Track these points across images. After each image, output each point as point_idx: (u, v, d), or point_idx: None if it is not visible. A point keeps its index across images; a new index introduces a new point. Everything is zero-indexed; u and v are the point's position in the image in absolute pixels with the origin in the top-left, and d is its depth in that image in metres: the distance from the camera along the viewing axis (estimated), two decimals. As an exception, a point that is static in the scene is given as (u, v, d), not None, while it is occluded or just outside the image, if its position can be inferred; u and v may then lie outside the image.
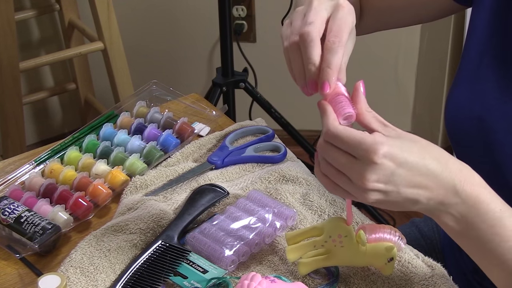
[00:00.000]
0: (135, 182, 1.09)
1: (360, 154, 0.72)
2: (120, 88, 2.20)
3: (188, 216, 1.00)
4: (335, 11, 0.78)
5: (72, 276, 0.91)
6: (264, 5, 2.44)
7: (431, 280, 0.90)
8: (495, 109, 0.91)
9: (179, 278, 0.91)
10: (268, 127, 1.20)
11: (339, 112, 0.76)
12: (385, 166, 0.72)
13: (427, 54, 2.43)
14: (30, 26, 2.45)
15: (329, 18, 0.79)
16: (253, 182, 1.09)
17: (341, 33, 0.77)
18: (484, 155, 0.92)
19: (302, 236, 0.89)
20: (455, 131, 0.97)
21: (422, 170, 0.74)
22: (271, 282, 0.80)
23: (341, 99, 0.77)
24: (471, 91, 0.94)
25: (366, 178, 0.72)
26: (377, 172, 0.72)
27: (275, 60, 2.50)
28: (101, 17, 2.08)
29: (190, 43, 2.56)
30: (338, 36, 0.76)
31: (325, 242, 0.87)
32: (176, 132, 1.19)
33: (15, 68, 2.09)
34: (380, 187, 0.73)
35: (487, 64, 0.93)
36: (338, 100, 0.76)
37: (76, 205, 1.03)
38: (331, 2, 0.80)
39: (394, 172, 0.73)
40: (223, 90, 2.16)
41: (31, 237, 0.97)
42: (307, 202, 1.04)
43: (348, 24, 0.78)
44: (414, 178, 0.74)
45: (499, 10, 0.93)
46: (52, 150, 1.16)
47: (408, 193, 0.74)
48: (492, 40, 0.93)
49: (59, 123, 2.70)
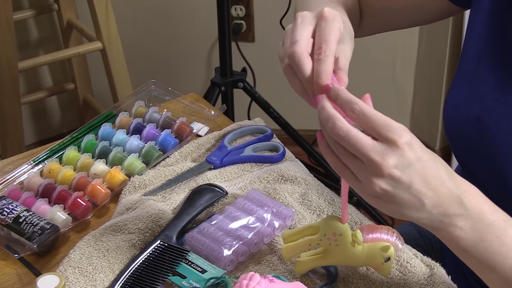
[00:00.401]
0: (134, 182, 1.09)
1: (385, 135, 0.70)
2: (118, 88, 2.19)
3: (187, 216, 1.00)
4: (319, 23, 0.79)
5: (70, 276, 0.91)
6: (262, 5, 2.44)
7: (429, 280, 0.90)
8: (493, 110, 0.91)
9: (177, 278, 0.91)
10: (266, 127, 1.21)
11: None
12: (406, 153, 0.70)
13: (425, 55, 2.43)
14: (29, 26, 2.45)
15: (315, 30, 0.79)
16: (251, 181, 1.09)
17: (327, 43, 0.77)
18: (482, 156, 0.92)
19: (298, 235, 0.89)
20: (454, 132, 0.97)
21: (434, 171, 0.73)
22: (269, 282, 0.80)
23: None
24: (469, 92, 0.95)
25: (386, 160, 0.70)
26: (397, 157, 0.70)
27: (273, 60, 2.50)
28: (100, 17, 2.08)
29: (188, 43, 2.56)
30: (323, 47, 0.77)
31: (320, 241, 0.87)
32: (175, 132, 1.19)
33: (14, 68, 2.09)
34: (395, 174, 0.70)
35: (485, 65, 0.93)
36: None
37: (75, 205, 1.03)
38: (313, 13, 0.80)
39: (412, 163, 0.71)
40: (222, 90, 2.16)
41: (30, 237, 0.97)
42: (306, 201, 1.04)
43: (333, 31, 0.77)
44: (427, 176, 0.72)
45: (497, 11, 0.93)
46: (50, 150, 1.15)
47: (417, 190, 0.72)
48: (490, 41, 0.94)
49: (57, 123, 2.70)
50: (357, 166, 0.72)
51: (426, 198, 0.73)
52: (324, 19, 0.78)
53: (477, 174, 0.96)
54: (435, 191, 0.73)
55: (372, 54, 2.42)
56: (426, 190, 0.72)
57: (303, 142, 2.27)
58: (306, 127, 2.52)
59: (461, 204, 0.74)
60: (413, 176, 0.71)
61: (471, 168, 0.98)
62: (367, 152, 0.70)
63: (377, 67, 2.49)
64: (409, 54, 2.46)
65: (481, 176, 0.96)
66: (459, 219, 0.75)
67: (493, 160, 0.90)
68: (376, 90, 2.50)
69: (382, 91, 2.53)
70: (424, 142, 2.64)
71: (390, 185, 0.71)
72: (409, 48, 2.44)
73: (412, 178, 0.71)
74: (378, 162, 0.70)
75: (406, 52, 2.46)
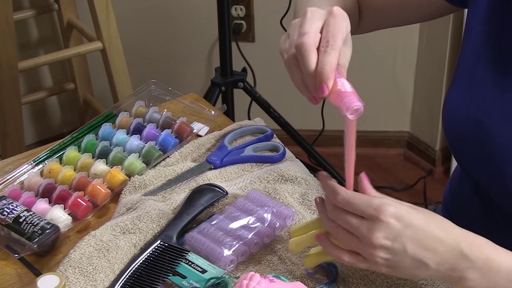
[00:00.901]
0: (134, 182, 1.09)
1: (369, 214, 0.77)
2: (119, 88, 2.19)
3: (187, 216, 1.00)
4: (328, 19, 0.80)
5: (71, 276, 0.91)
6: (263, 5, 2.44)
7: (430, 279, 0.90)
8: (491, 111, 0.91)
9: (178, 278, 0.91)
10: (267, 127, 1.21)
11: (347, 106, 0.76)
12: (392, 224, 0.76)
13: (425, 54, 2.43)
14: (29, 26, 2.45)
15: (323, 26, 0.80)
16: (252, 182, 1.09)
17: (334, 38, 0.78)
18: (481, 157, 0.92)
19: (306, 229, 0.90)
20: (453, 133, 0.97)
21: (427, 234, 0.77)
22: (270, 282, 0.80)
23: (347, 94, 0.77)
24: (468, 92, 0.94)
25: (374, 235, 0.76)
26: (384, 230, 0.76)
27: (274, 60, 2.50)
28: (100, 17, 2.08)
29: (189, 43, 2.56)
30: (330, 40, 0.78)
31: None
32: (175, 132, 1.19)
33: (14, 68, 2.09)
34: (387, 244, 0.76)
35: (484, 66, 0.93)
36: (344, 95, 0.77)
37: (75, 205, 1.03)
38: (324, 11, 0.81)
39: (400, 232, 0.76)
40: (222, 90, 2.16)
41: (30, 237, 0.97)
42: (306, 201, 1.04)
43: (341, 29, 0.79)
44: (421, 240, 0.77)
45: (494, 11, 0.92)
46: (51, 150, 1.16)
47: (415, 254, 0.77)
48: (487, 41, 0.93)
49: (58, 123, 2.70)
50: (354, 242, 0.79)
51: (428, 259, 0.77)
52: (333, 16, 0.79)
53: (476, 175, 0.96)
54: (434, 252, 0.77)
55: (372, 53, 2.42)
56: (425, 253, 0.77)
57: (303, 142, 2.27)
58: (306, 127, 2.52)
59: (465, 258, 0.77)
60: (406, 243, 0.76)
61: (470, 168, 0.98)
62: (357, 231, 0.78)
63: (377, 66, 2.49)
64: (409, 53, 2.45)
65: (480, 176, 0.95)
66: (467, 272, 0.78)
67: (492, 161, 0.90)
68: (376, 90, 2.50)
69: (382, 90, 2.53)
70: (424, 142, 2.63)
71: (388, 254, 0.77)
72: (409, 46, 2.44)
73: (405, 244, 0.76)
74: (367, 236, 0.77)
75: (406, 51, 2.45)
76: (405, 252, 0.77)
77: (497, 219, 0.97)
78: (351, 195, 0.79)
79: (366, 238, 0.77)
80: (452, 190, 1.10)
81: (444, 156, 2.51)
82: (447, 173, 2.50)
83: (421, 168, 2.55)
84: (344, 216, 0.79)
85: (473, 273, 0.77)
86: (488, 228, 0.99)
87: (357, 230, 0.78)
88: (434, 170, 2.51)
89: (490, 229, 0.98)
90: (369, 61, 2.43)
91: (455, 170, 1.12)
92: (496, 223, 0.97)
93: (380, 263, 0.78)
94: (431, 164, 2.52)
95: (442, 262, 0.77)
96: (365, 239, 0.77)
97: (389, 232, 0.76)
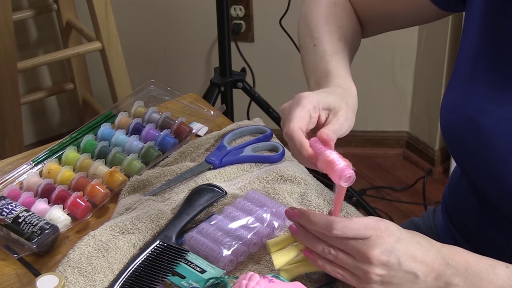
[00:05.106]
0: (133, 182, 1.09)
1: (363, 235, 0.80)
2: (118, 88, 2.20)
3: (186, 216, 1.00)
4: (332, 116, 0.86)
5: (70, 276, 0.91)
6: (262, 5, 2.44)
7: None
8: (488, 111, 0.90)
9: (177, 278, 0.91)
10: (266, 127, 1.21)
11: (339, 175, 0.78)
12: (386, 240, 0.80)
13: (424, 54, 2.43)
14: (28, 26, 2.45)
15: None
16: (251, 182, 1.09)
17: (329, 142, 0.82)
18: (478, 157, 0.92)
19: (285, 242, 0.89)
20: (450, 133, 0.97)
21: (415, 245, 0.82)
22: (269, 282, 0.80)
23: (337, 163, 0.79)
24: (465, 93, 0.94)
25: (372, 252, 0.80)
26: (380, 245, 0.80)
27: (273, 60, 2.51)
28: (99, 17, 2.08)
29: (188, 43, 2.56)
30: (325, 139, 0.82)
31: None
32: (174, 132, 1.19)
33: (13, 68, 2.09)
34: (384, 260, 0.80)
35: (481, 66, 0.93)
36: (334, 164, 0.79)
37: (74, 205, 1.03)
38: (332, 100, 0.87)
39: (393, 246, 0.80)
40: (221, 90, 2.16)
41: (29, 237, 0.97)
42: (305, 201, 1.04)
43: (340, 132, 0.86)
44: (411, 252, 0.81)
45: (489, 11, 0.93)
46: (50, 150, 1.16)
47: (407, 266, 0.81)
48: (485, 41, 0.93)
49: (57, 123, 2.70)
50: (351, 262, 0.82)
51: (418, 270, 0.81)
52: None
53: (474, 175, 0.96)
54: (422, 262, 0.81)
55: (371, 55, 2.42)
56: (415, 264, 0.81)
57: (302, 142, 2.27)
58: (306, 127, 2.52)
59: (448, 265, 0.82)
60: (400, 256, 0.80)
61: (469, 169, 0.98)
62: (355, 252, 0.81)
63: (376, 67, 2.49)
64: (408, 53, 2.46)
65: (478, 177, 0.95)
66: (452, 277, 0.82)
67: (490, 161, 0.90)
68: (376, 90, 2.50)
69: (381, 90, 2.53)
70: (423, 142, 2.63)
71: (384, 269, 0.81)
72: (408, 47, 2.44)
73: (399, 257, 0.80)
74: (365, 252, 0.80)
75: (406, 52, 2.46)
76: (399, 266, 0.80)
77: (496, 220, 0.97)
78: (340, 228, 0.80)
79: (363, 257, 0.80)
80: (451, 190, 1.10)
81: (443, 156, 2.51)
82: (446, 173, 2.50)
83: (420, 168, 2.55)
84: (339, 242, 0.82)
85: (457, 278, 0.82)
86: (487, 228, 0.99)
87: (355, 251, 0.81)
88: (433, 170, 2.52)
89: (490, 229, 0.98)
90: (369, 62, 2.43)
91: (455, 170, 1.12)
92: (495, 223, 0.97)
93: (374, 280, 0.81)
94: (430, 164, 2.53)
95: (430, 271, 0.81)
96: (362, 257, 0.80)
97: (385, 247, 0.80)
